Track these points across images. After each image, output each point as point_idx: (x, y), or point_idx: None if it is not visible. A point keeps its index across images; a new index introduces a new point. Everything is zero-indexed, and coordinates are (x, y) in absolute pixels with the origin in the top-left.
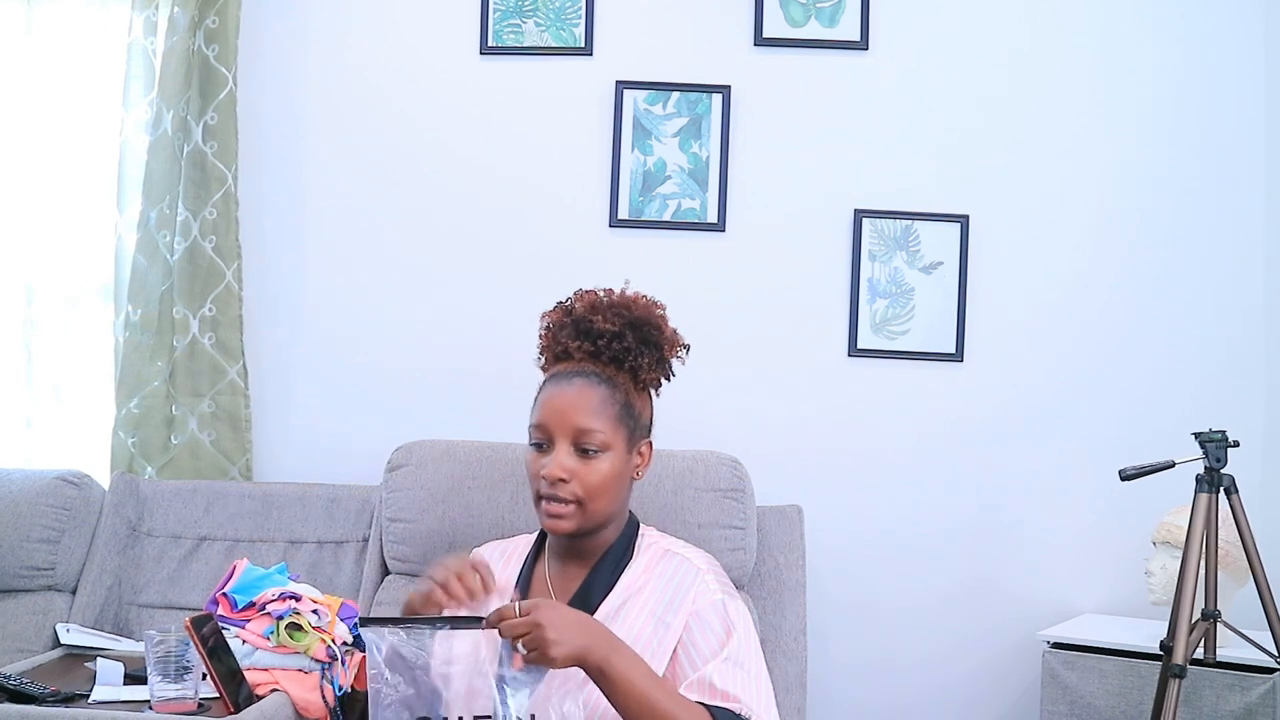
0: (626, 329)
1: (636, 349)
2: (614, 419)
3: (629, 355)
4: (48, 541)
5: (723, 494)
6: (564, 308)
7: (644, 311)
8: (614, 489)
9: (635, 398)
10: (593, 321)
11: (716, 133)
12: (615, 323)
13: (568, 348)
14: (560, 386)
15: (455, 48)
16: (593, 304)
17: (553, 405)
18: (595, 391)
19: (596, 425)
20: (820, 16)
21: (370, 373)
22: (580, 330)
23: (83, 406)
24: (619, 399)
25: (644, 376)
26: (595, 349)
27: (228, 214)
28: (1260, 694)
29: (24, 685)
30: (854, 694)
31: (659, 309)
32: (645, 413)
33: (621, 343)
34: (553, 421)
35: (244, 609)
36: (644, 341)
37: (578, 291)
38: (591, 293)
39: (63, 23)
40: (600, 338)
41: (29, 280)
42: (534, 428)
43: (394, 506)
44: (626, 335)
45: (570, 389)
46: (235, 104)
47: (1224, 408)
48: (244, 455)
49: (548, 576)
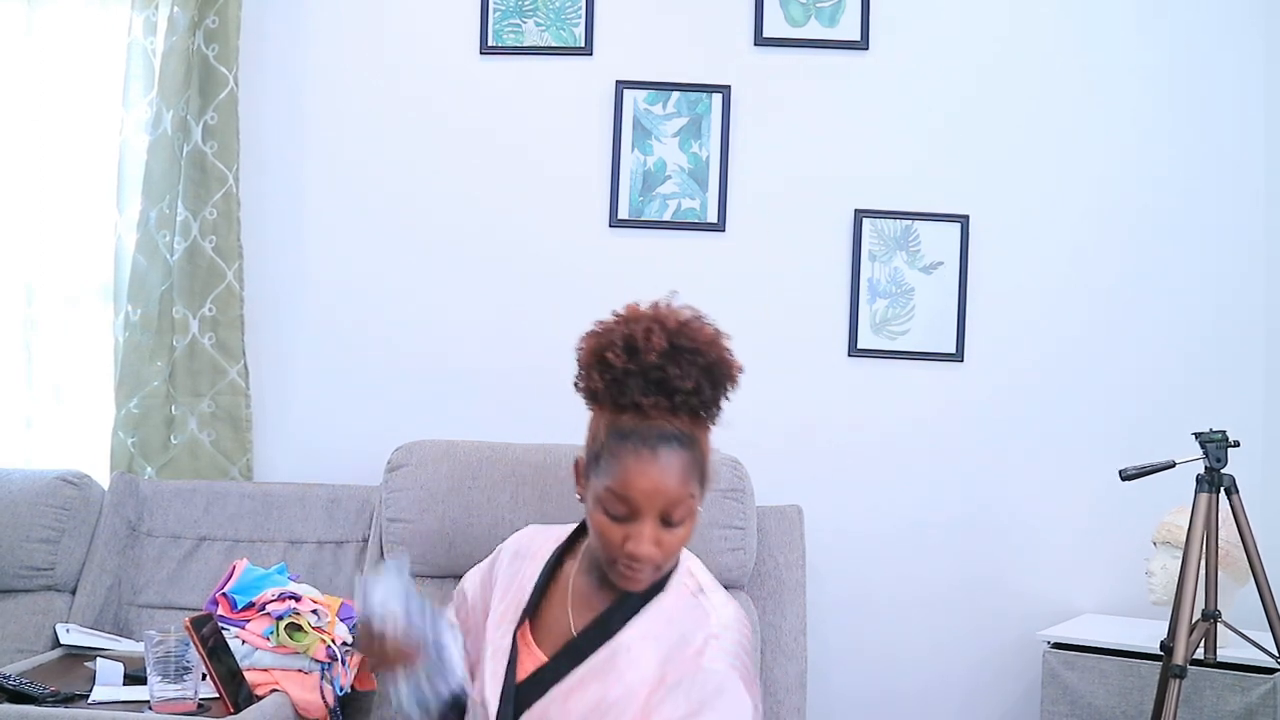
0: (703, 379)
1: (713, 397)
2: (698, 480)
3: (706, 407)
4: (47, 541)
5: (723, 494)
6: (626, 345)
7: (717, 354)
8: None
9: (705, 444)
10: (668, 375)
11: (716, 133)
12: (693, 376)
13: (640, 403)
14: (644, 459)
15: (455, 48)
16: (664, 350)
17: (641, 484)
18: (680, 459)
19: (686, 494)
20: (820, 16)
21: (370, 373)
22: (653, 383)
23: (83, 406)
24: (700, 457)
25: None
26: (672, 405)
27: (228, 214)
28: (1260, 694)
29: (24, 685)
30: (854, 694)
31: (725, 339)
32: (710, 453)
33: (700, 396)
34: (642, 501)
35: (244, 609)
36: (717, 386)
37: (634, 318)
38: (652, 323)
39: (63, 23)
40: (677, 394)
41: (29, 280)
42: (615, 498)
43: (394, 506)
44: (704, 388)
45: (657, 463)
46: (235, 104)
47: (1224, 408)
48: (244, 455)
49: (571, 582)
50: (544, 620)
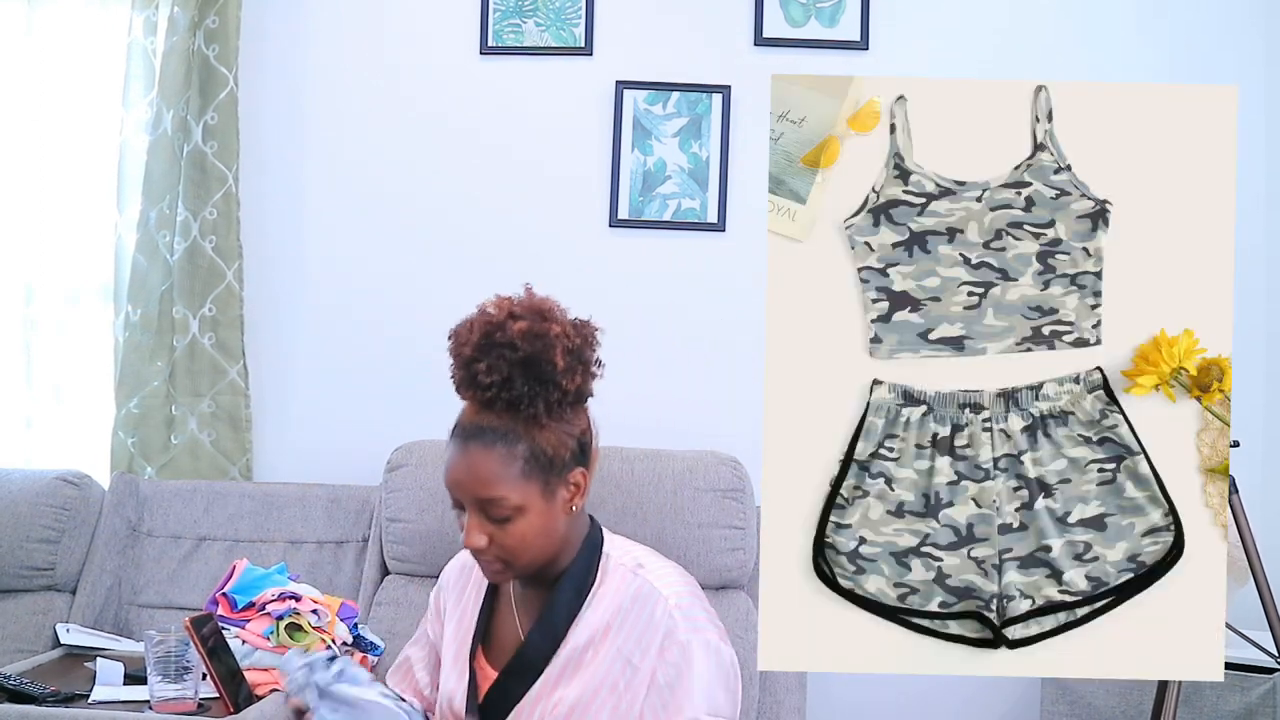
0: (514, 372)
1: (530, 392)
2: (519, 477)
3: (522, 402)
4: (48, 541)
5: (723, 494)
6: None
7: (531, 347)
8: (540, 541)
9: (542, 438)
10: (476, 371)
11: (716, 133)
12: (501, 369)
13: (464, 396)
14: (458, 451)
15: (455, 48)
16: (479, 343)
17: (453, 474)
18: (492, 455)
19: (500, 492)
20: (820, 16)
21: (370, 373)
22: (468, 378)
23: (83, 406)
24: (520, 452)
25: (546, 416)
26: (486, 400)
27: (228, 214)
28: (1260, 694)
29: (24, 685)
30: (854, 693)
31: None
32: (561, 448)
33: (511, 391)
34: (457, 492)
35: (244, 609)
36: (537, 380)
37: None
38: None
39: (63, 23)
40: (488, 390)
41: (29, 280)
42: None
43: (394, 506)
44: (515, 381)
45: (467, 456)
46: (235, 104)
47: None
48: (244, 455)
49: (513, 596)
50: (497, 636)
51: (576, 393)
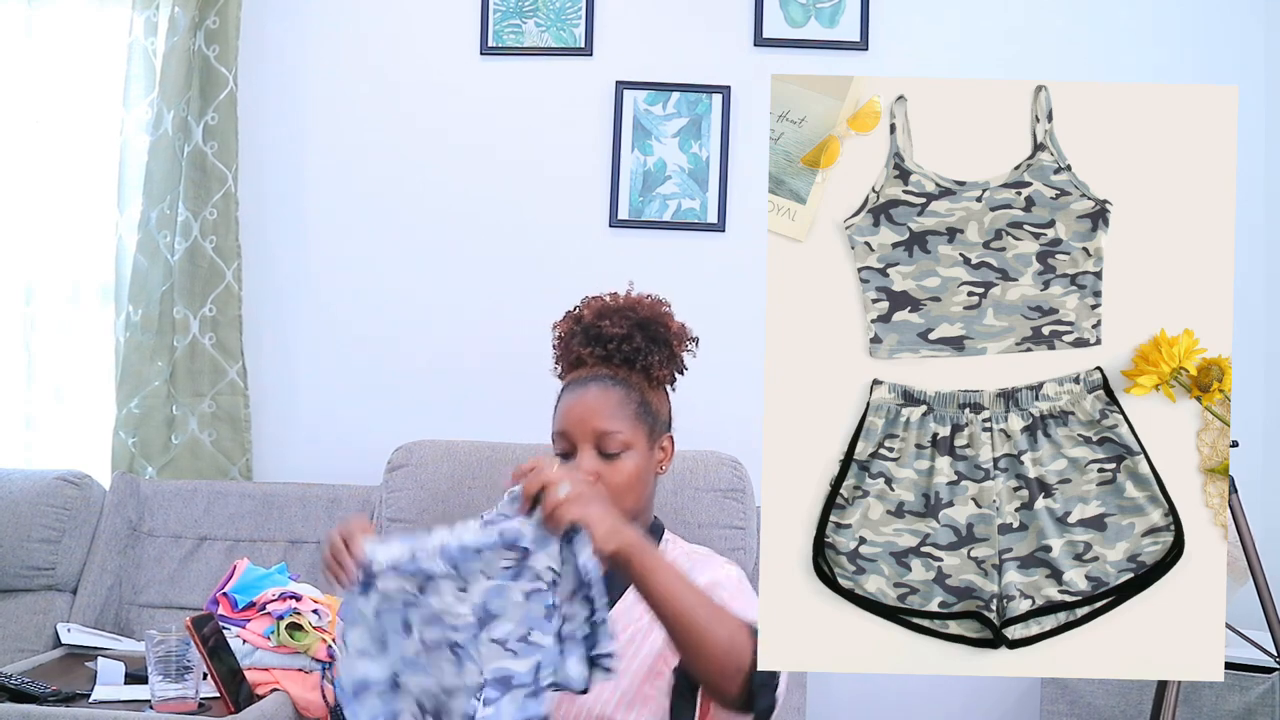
0: (635, 330)
1: (646, 348)
2: (633, 418)
3: (639, 355)
4: (48, 541)
5: (723, 494)
6: (572, 316)
7: (650, 311)
8: (639, 487)
9: (651, 395)
10: (601, 327)
11: (716, 133)
12: (623, 325)
13: (580, 355)
14: (577, 393)
15: (455, 48)
16: (600, 309)
17: (572, 412)
18: (611, 394)
19: (616, 426)
20: (820, 16)
21: (370, 372)
22: (590, 336)
23: (83, 406)
24: (635, 398)
25: (656, 373)
26: (606, 353)
27: (228, 214)
28: (1260, 694)
29: (25, 685)
30: (854, 692)
31: (664, 306)
32: (663, 409)
33: (631, 344)
34: (574, 428)
35: (244, 609)
36: (653, 340)
37: (585, 299)
38: (598, 298)
39: (63, 23)
40: (610, 341)
41: (29, 280)
42: (556, 436)
43: (394, 506)
44: (635, 336)
45: (587, 395)
46: (235, 104)
47: None
48: (244, 455)
49: None
50: None
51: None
